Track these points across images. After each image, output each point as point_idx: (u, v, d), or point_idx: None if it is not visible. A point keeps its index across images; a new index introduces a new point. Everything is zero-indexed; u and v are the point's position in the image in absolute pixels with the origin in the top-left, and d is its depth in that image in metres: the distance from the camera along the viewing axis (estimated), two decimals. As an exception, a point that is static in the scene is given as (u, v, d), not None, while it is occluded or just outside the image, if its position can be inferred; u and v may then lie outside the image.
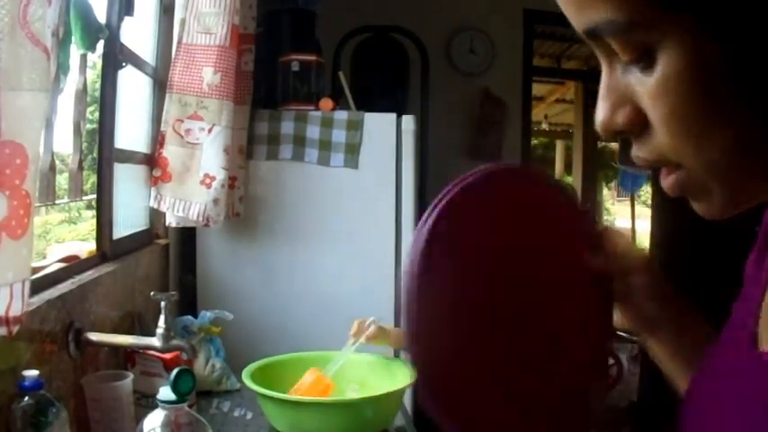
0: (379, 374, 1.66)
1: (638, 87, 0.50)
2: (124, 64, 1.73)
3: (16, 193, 0.84)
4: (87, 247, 1.66)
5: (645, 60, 0.48)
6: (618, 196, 10.79)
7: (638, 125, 0.51)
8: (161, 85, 1.98)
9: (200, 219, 1.87)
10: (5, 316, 0.85)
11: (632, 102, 0.51)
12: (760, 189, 0.53)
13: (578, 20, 0.50)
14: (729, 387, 0.62)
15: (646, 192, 7.01)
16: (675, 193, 0.54)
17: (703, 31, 0.46)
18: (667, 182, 0.54)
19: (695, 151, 0.50)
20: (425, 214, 0.67)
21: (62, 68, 1.29)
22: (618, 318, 0.80)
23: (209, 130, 1.85)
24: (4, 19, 0.81)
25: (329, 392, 1.59)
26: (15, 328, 0.87)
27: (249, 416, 1.62)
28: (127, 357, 1.47)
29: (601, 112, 0.52)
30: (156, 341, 1.33)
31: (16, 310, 0.86)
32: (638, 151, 0.53)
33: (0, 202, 0.83)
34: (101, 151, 1.67)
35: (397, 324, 2.03)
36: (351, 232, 2.13)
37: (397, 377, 1.60)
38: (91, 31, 1.40)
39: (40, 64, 0.87)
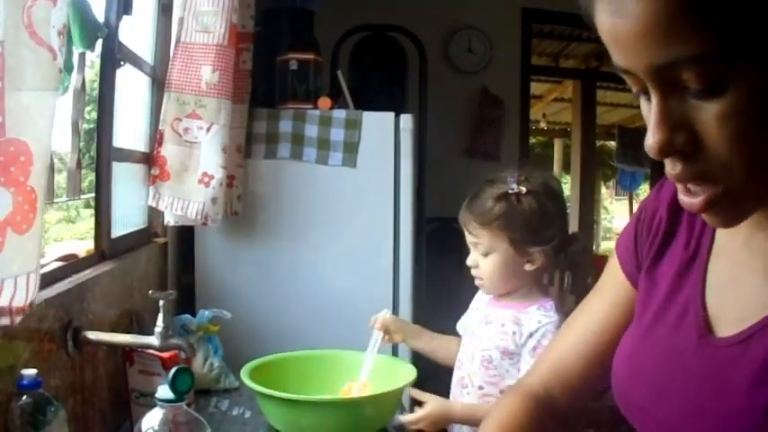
0: (379, 373, 1.66)
1: (699, 113, 0.56)
2: (122, 63, 1.73)
3: (21, 190, 0.86)
4: (86, 246, 1.66)
5: (714, 88, 0.55)
6: (616, 195, 10.80)
7: (692, 146, 0.58)
8: (159, 84, 1.98)
9: (199, 217, 1.87)
10: (9, 306, 0.87)
11: (689, 125, 0.57)
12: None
13: (657, 55, 0.55)
14: (680, 366, 0.70)
15: (644, 190, 7.02)
16: (701, 209, 0.61)
17: None
18: (696, 199, 0.60)
19: (749, 169, 0.57)
20: None
21: (65, 67, 1.29)
22: None
23: (208, 129, 1.85)
24: (8, 20, 0.82)
25: None
26: (18, 319, 0.89)
27: (248, 414, 1.62)
28: (125, 356, 1.47)
29: (658, 135, 0.58)
30: (154, 340, 1.33)
31: (20, 301, 0.88)
32: (678, 168, 0.59)
33: (5, 198, 0.85)
34: (99, 150, 1.67)
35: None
36: (349, 231, 2.13)
37: (397, 376, 1.60)
38: (89, 30, 1.40)
39: (44, 64, 0.88)
